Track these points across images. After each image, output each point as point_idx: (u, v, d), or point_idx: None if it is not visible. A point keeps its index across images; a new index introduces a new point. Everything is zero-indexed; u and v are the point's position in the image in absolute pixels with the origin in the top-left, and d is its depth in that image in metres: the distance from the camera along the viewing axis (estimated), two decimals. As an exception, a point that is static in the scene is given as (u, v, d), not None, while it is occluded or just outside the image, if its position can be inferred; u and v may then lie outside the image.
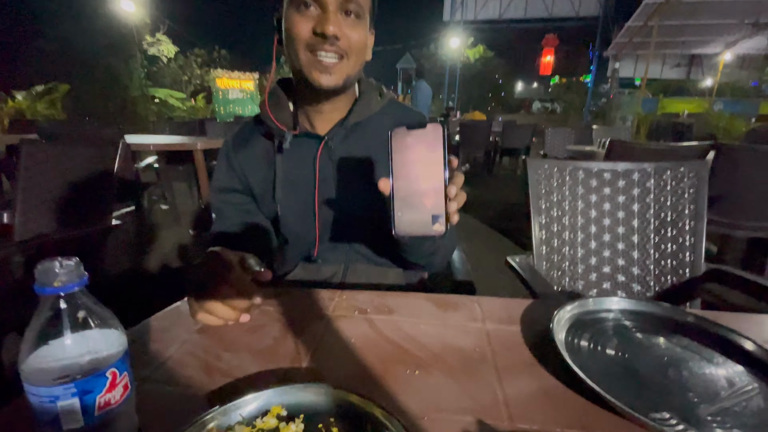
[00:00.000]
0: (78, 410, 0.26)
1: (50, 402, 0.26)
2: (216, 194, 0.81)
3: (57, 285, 0.26)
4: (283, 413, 0.37)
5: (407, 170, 0.45)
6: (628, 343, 0.49)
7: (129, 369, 0.31)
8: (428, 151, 0.44)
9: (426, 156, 0.44)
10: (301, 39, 0.63)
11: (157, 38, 12.93)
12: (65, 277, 0.26)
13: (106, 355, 0.28)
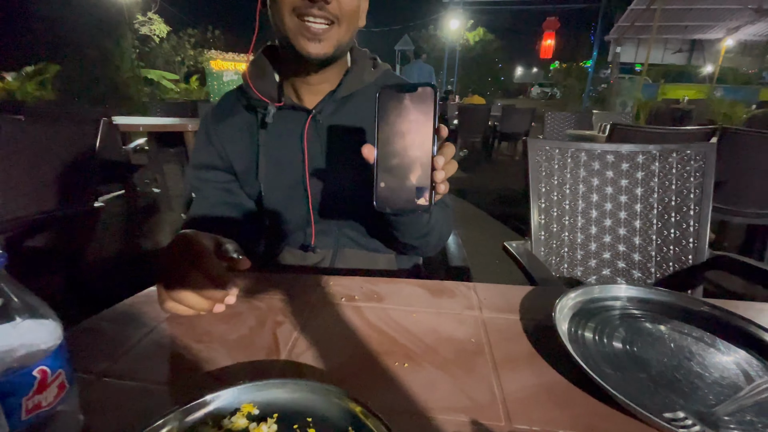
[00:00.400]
0: (1, 414, 0.22)
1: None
2: (194, 171, 0.76)
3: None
4: (254, 412, 0.33)
5: (393, 136, 0.42)
6: (637, 334, 0.45)
7: (67, 365, 0.26)
8: (417, 116, 0.41)
9: (415, 121, 0.41)
10: (287, 1, 0.57)
11: (149, 17, 12.54)
12: (-29, 258, 0.21)
13: (33, 351, 0.23)
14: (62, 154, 1.44)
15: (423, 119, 0.41)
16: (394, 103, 0.42)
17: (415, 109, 0.41)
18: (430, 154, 0.42)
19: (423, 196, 0.43)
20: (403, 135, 0.42)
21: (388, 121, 0.42)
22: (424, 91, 0.41)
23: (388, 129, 0.42)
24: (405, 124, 0.42)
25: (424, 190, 0.42)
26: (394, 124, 0.42)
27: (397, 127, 0.42)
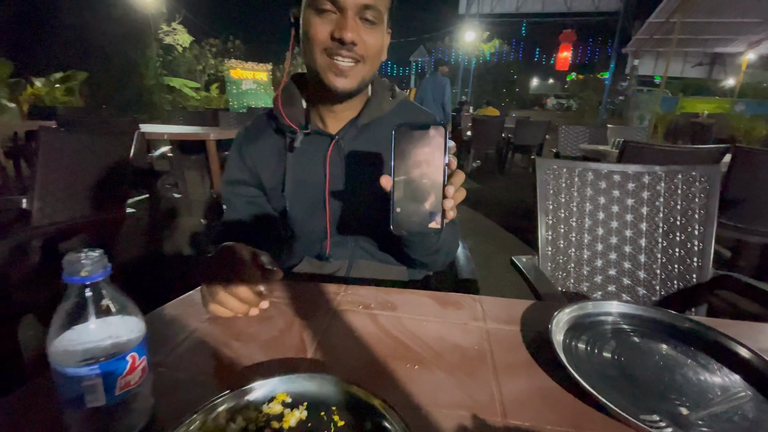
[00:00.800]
0: (101, 390, 0.29)
1: (76, 382, 0.28)
2: (227, 186, 0.84)
3: (83, 275, 0.28)
4: (288, 400, 0.40)
5: (407, 168, 0.47)
6: (625, 346, 0.50)
7: (147, 353, 0.33)
8: (429, 152, 0.46)
9: (426, 156, 0.46)
10: (319, 42, 0.64)
11: (173, 27, 13.03)
12: (91, 267, 0.28)
13: (127, 340, 0.30)
14: (98, 162, 1.55)
15: (435, 152, 0.46)
16: (408, 139, 0.46)
17: (428, 144, 0.46)
18: (442, 183, 0.46)
19: (435, 220, 0.47)
20: (417, 166, 0.46)
21: (404, 154, 0.46)
22: (436, 129, 0.46)
23: (403, 162, 0.47)
24: (419, 157, 0.46)
25: (436, 215, 0.47)
26: (408, 157, 0.46)
27: (412, 160, 0.46)
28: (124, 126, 2.76)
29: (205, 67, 14.43)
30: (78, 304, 0.29)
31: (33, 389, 0.41)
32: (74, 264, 0.28)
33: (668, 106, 10.93)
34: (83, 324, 0.29)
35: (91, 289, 0.29)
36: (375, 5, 0.64)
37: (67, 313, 0.29)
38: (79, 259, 0.28)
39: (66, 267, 0.28)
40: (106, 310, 0.30)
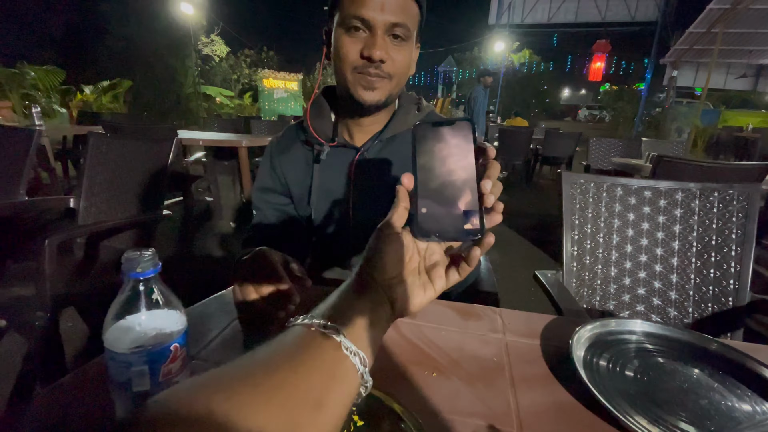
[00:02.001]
0: (147, 375, 0.32)
1: (125, 367, 0.32)
2: (257, 193, 0.88)
3: (138, 271, 0.31)
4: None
5: (432, 165, 0.39)
6: (649, 366, 0.49)
7: (187, 346, 0.36)
8: (455, 146, 0.39)
9: (453, 151, 0.39)
10: (349, 60, 0.67)
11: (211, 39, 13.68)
12: (145, 264, 0.31)
13: (171, 332, 0.33)
14: (140, 166, 1.65)
15: (462, 147, 0.39)
16: (430, 136, 0.40)
17: (454, 137, 0.40)
18: (474, 177, 0.38)
19: (470, 221, 0.38)
20: (442, 163, 0.39)
21: (426, 151, 0.40)
22: (461, 123, 0.40)
23: (426, 159, 0.40)
24: (444, 153, 0.39)
25: (472, 214, 0.38)
26: (432, 154, 0.40)
27: (436, 156, 0.40)
28: (164, 133, 2.92)
29: (240, 77, 15.02)
30: (132, 296, 0.32)
31: (83, 374, 0.45)
32: (131, 261, 0.31)
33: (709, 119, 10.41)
34: (135, 314, 0.32)
35: (144, 283, 0.32)
36: (404, 23, 0.66)
37: (123, 304, 0.32)
38: (136, 257, 0.31)
39: (124, 263, 0.31)
40: (155, 303, 0.33)
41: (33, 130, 1.86)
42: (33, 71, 8.12)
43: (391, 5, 0.64)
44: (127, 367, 0.31)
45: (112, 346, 0.32)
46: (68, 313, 1.63)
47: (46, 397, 0.41)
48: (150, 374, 0.32)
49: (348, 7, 0.65)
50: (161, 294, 0.33)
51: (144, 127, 3.20)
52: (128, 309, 0.32)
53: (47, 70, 8.36)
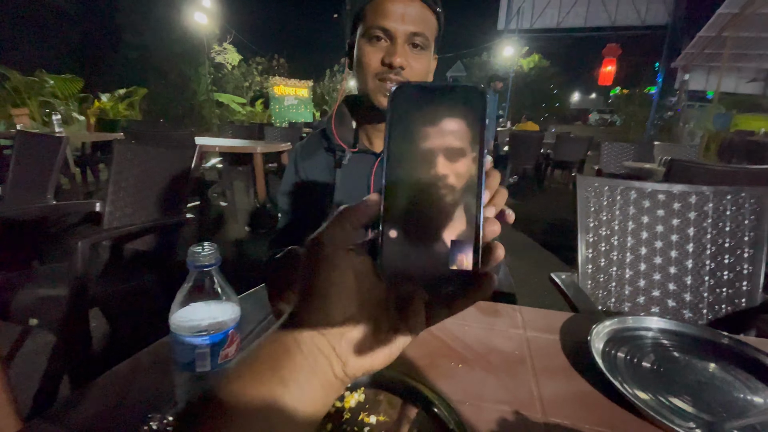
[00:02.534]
0: (208, 357, 0.36)
1: (190, 349, 0.35)
2: (283, 196, 0.92)
3: (202, 263, 0.35)
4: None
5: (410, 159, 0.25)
6: (664, 359, 0.52)
7: (240, 333, 0.40)
8: (454, 129, 0.25)
9: (449, 137, 0.25)
10: (371, 68, 0.72)
11: (224, 47, 13.96)
12: (207, 257, 0.35)
13: (229, 319, 0.37)
14: (164, 172, 1.71)
15: (464, 129, 0.25)
16: (415, 107, 0.25)
17: (452, 114, 0.25)
18: (476, 187, 0.24)
19: (459, 257, 0.24)
20: (429, 158, 0.25)
21: (404, 132, 0.25)
22: (466, 91, 0.25)
23: (402, 145, 0.25)
24: (433, 140, 0.25)
25: (464, 247, 0.24)
26: (413, 137, 0.25)
27: (420, 142, 0.25)
28: (184, 139, 3.00)
29: (251, 84, 15.26)
30: (195, 285, 0.36)
31: (135, 362, 0.49)
32: (196, 254, 0.35)
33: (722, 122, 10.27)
34: (198, 302, 0.36)
35: (206, 274, 0.36)
36: (423, 32, 0.71)
37: (187, 292, 0.36)
38: (200, 251, 0.35)
39: (190, 256, 0.35)
40: (215, 292, 0.37)
41: (61, 137, 1.94)
42: (52, 79, 8.38)
43: (411, 16, 0.69)
44: (192, 349, 0.35)
45: (178, 330, 0.35)
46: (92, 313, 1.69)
47: (103, 382, 0.45)
48: (211, 356, 0.36)
49: (371, 19, 0.71)
50: (220, 284, 0.37)
51: (162, 133, 3.29)
52: (192, 297, 0.36)
53: (66, 78, 8.61)
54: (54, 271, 1.48)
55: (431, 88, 0.25)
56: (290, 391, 0.23)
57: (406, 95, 0.25)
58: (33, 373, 1.50)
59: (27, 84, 8.11)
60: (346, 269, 0.24)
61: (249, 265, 2.74)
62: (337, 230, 0.25)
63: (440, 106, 0.25)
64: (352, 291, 0.24)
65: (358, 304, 0.25)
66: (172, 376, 0.38)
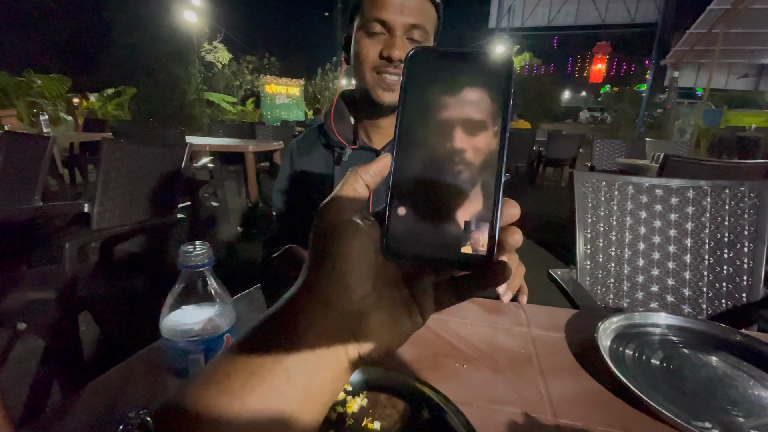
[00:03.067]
0: (202, 363, 0.33)
1: (183, 355, 0.33)
2: (278, 194, 0.90)
3: (194, 263, 0.33)
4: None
5: (429, 131, 0.23)
6: (675, 356, 0.51)
7: (236, 336, 0.37)
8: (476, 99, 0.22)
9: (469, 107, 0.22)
10: (369, 61, 0.70)
11: (214, 46, 13.80)
12: (200, 257, 0.33)
13: (224, 322, 0.35)
14: (154, 172, 1.67)
15: (485, 104, 0.22)
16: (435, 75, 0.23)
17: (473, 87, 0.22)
18: (494, 168, 0.22)
19: (474, 239, 0.22)
20: (446, 129, 0.22)
21: (422, 103, 0.23)
22: (491, 61, 0.22)
23: (418, 113, 0.23)
24: (451, 110, 0.22)
25: (479, 228, 0.22)
26: (430, 110, 0.23)
27: (438, 116, 0.22)
28: (174, 138, 2.95)
29: (242, 83, 15.12)
30: (187, 287, 0.34)
31: (126, 368, 0.46)
32: (187, 254, 0.33)
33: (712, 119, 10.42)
34: (191, 305, 0.34)
35: (199, 275, 0.34)
36: (422, 25, 0.69)
37: (178, 294, 0.34)
38: (191, 250, 0.33)
39: (181, 256, 0.33)
40: (209, 294, 0.34)
41: (48, 137, 1.89)
42: (39, 79, 8.22)
43: (410, 8, 0.67)
44: (185, 354, 0.33)
45: (170, 335, 0.33)
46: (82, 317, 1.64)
47: (93, 389, 0.43)
48: (205, 362, 0.34)
49: (368, 11, 0.68)
50: (214, 286, 0.35)
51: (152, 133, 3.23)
52: (184, 299, 0.34)
53: (53, 78, 8.45)
54: (42, 274, 1.44)
55: (453, 53, 0.23)
56: (296, 384, 0.20)
57: (424, 60, 0.23)
58: (23, 378, 1.45)
59: (14, 84, 7.93)
60: (364, 238, 0.22)
61: (242, 265, 2.70)
62: (350, 195, 0.23)
63: (462, 74, 0.22)
64: (370, 262, 0.22)
65: (374, 278, 0.22)
66: (165, 383, 0.36)
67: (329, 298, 0.21)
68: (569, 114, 33.68)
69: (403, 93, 0.23)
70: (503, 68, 0.22)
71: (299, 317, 0.21)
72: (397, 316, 0.23)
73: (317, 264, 0.22)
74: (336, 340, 0.21)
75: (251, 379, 0.19)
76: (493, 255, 0.22)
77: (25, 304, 1.28)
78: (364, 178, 0.23)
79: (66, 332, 1.23)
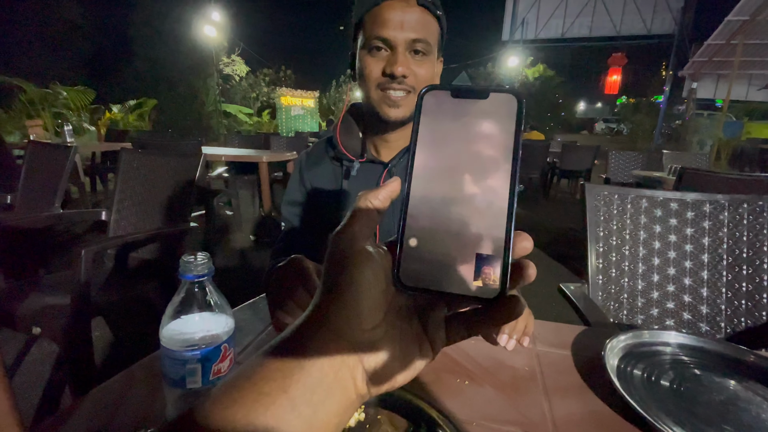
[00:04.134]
0: (199, 373, 0.34)
1: (181, 364, 0.33)
2: (286, 206, 0.91)
3: (194, 273, 0.33)
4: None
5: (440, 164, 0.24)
6: (686, 377, 0.49)
7: (234, 347, 0.38)
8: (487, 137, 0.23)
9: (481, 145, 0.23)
10: (373, 78, 0.71)
11: (232, 59, 14.20)
12: (200, 267, 0.34)
13: (222, 332, 0.35)
14: (169, 181, 1.71)
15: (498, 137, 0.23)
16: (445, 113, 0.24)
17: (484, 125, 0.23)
18: (507, 199, 0.22)
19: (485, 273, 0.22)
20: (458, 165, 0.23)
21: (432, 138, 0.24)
22: (501, 98, 0.23)
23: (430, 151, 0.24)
24: (465, 145, 0.23)
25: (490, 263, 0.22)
26: (443, 144, 0.24)
27: (450, 151, 0.24)
28: (191, 149, 3.03)
29: (259, 95, 15.47)
30: (187, 297, 0.34)
31: (129, 376, 0.47)
32: (188, 264, 0.33)
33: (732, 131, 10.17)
34: (190, 315, 0.34)
35: (198, 285, 0.34)
36: (424, 38, 0.69)
37: (178, 304, 0.34)
38: (192, 260, 0.34)
39: (181, 266, 0.34)
40: (208, 304, 0.35)
41: (71, 147, 1.96)
42: (65, 91, 8.57)
43: (410, 23, 0.68)
44: (183, 364, 0.33)
45: (168, 344, 0.34)
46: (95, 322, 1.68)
47: (96, 396, 0.44)
48: (202, 372, 0.34)
49: (369, 29, 0.69)
50: (213, 296, 0.35)
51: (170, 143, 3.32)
52: (183, 309, 0.34)
53: (78, 90, 8.80)
54: (59, 280, 1.48)
55: (463, 91, 0.24)
56: (300, 415, 0.19)
57: (436, 99, 0.24)
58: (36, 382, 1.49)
59: (41, 96, 8.30)
60: (376, 268, 0.22)
61: (252, 274, 2.73)
62: (362, 221, 0.23)
63: (473, 112, 0.23)
64: (381, 292, 0.22)
65: (386, 308, 0.22)
66: (164, 393, 0.36)
67: (339, 326, 0.21)
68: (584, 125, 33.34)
69: (415, 130, 0.24)
70: (514, 105, 0.23)
71: (308, 345, 0.20)
72: (408, 348, 0.23)
73: (329, 291, 0.22)
74: (344, 370, 0.21)
75: (256, 407, 0.19)
76: (506, 290, 0.21)
77: (40, 308, 1.32)
78: (374, 203, 0.24)
79: (79, 337, 1.26)
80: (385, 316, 0.22)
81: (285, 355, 0.20)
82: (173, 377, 0.34)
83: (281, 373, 0.20)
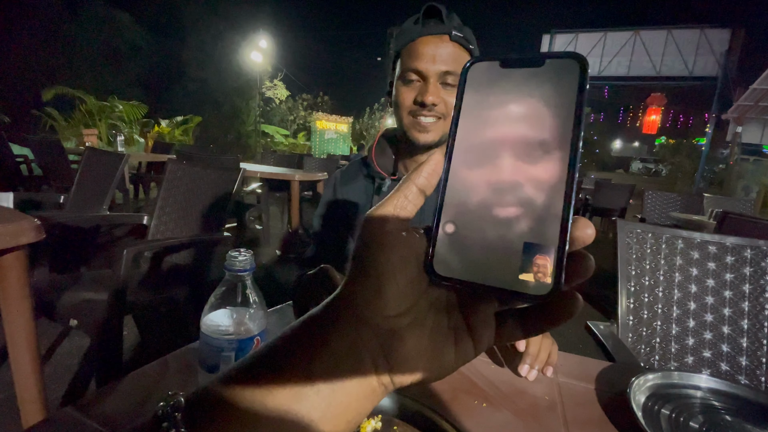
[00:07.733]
0: (233, 361, 0.36)
1: (217, 351, 0.36)
2: (318, 219, 0.95)
3: (238, 267, 0.37)
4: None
5: (484, 144, 0.20)
6: (715, 423, 0.46)
7: (266, 341, 0.40)
8: (543, 112, 0.20)
9: (536, 119, 0.20)
10: (405, 106, 0.76)
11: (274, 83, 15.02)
12: (244, 262, 0.37)
13: (256, 325, 0.38)
14: (208, 192, 1.81)
15: (555, 111, 0.19)
16: (495, 85, 0.21)
17: (541, 94, 0.20)
18: (563, 183, 0.19)
19: (536, 266, 0.18)
20: (508, 139, 0.20)
21: (481, 111, 0.21)
22: (559, 65, 0.20)
23: (475, 124, 0.21)
24: (516, 119, 0.20)
25: (542, 252, 0.18)
26: (490, 118, 0.20)
27: (498, 123, 0.20)
28: (230, 164, 3.19)
29: (296, 118, 16.16)
30: (228, 289, 0.37)
31: (163, 363, 0.50)
32: (233, 258, 0.37)
33: (782, 178, 9.63)
34: (230, 306, 0.37)
35: (240, 279, 0.37)
36: (454, 71, 0.75)
37: (221, 295, 0.37)
38: (237, 255, 0.37)
39: (227, 260, 0.37)
40: (246, 298, 0.38)
41: (122, 155, 2.12)
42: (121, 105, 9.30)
43: (443, 56, 0.73)
44: (219, 352, 0.36)
45: (208, 331, 0.36)
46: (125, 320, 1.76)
47: (132, 378, 0.47)
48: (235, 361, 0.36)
49: (405, 62, 0.76)
50: (252, 291, 0.38)
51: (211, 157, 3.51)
52: (225, 300, 0.37)
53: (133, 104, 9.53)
54: (98, 277, 1.57)
55: (514, 60, 0.20)
56: (319, 392, 0.19)
57: (483, 70, 0.21)
58: (65, 372, 1.56)
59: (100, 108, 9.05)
60: (406, 252, 0.20)
61: (276, 287, 2.78)
62: (400, 202, 0.21)
63: (526, 83, 0.20)
64: (410, 279, 0.20)
65: (417, 296, 0.20)
66: (197, 378, 0.38)
67: (361, 311, 0.20)
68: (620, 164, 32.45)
69: (458, 104, 0.21)
70: (575, 71, 0.19)
71: (329, 327, 0.20)
72: (441, 344, 0.21)
73: (355, 274, 0.21)
74: (364, 356, 0.20)
75: (278, 380, 0.19)
76: (560, 285, 0.18)
77: (78, 302, 1.40)
78: (418, 182, 0.21)
79: (111, 332, 1.32)
80: (413, 306, 0.20)
81: (307, 334, 0.20)
82: (209, 363, 0.36)
83: (302, 351, 0.20)
